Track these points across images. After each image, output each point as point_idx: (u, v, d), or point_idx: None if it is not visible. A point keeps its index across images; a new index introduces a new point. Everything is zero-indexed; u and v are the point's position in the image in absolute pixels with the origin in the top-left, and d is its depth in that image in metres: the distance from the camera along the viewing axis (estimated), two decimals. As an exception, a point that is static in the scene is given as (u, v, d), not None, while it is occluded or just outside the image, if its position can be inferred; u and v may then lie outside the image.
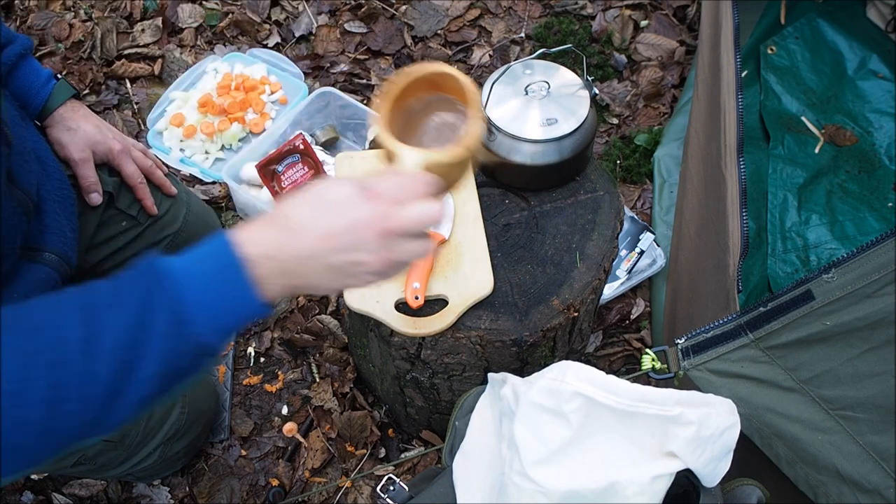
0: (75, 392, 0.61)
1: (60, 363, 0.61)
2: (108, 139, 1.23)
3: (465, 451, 0.90)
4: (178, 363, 0.66)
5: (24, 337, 0.61)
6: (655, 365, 1.06)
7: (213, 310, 0.66)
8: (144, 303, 0.64)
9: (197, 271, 0.67)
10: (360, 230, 0.69)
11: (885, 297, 0.90)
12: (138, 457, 1.30)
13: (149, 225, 1.35)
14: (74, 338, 0.61)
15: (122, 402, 0.64)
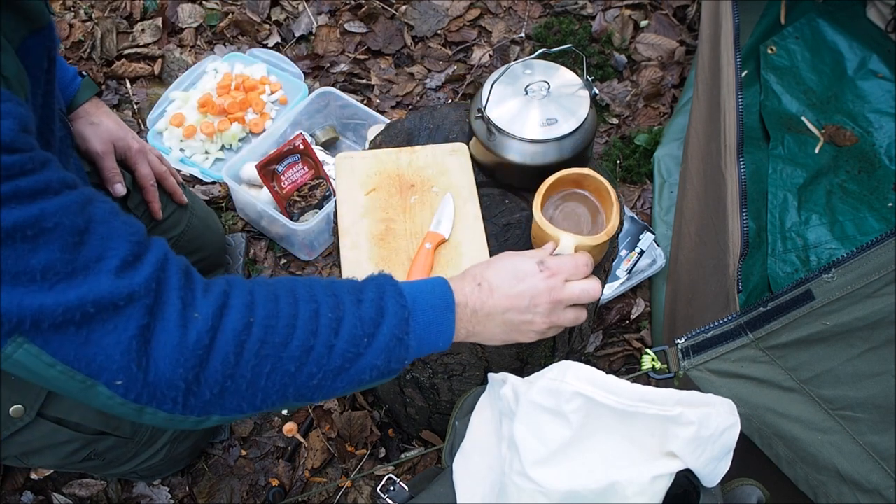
0: (319, 357, 0.76)
1: (315, 332, 0.76)
2: (127, 137, 1.28)
3: (465, 451, 0.90)
4: (389, 362, 0.81)
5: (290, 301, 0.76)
6: (655, 365, 1.06)
7: (424, 333, 0.83)
8: (381, 309, 0.80)
9: (422, 299, 0.84)
10: (537, 297, 0.90)
11: (885, 297, 0.90)
12: (146, 454, 1.31)
13: (153, 227, 1.36)
14: (329, 316, 0.77)
15: (343, 379, 0.78)
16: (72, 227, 0.66)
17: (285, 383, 0.75)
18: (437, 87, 2.17)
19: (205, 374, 0.71)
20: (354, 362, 0.78)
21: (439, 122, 1.34)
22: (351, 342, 0.77)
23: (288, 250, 1.86)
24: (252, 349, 0.73)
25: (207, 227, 1.54)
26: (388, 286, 0.83)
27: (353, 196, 1.22)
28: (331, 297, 0.79)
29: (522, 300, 0.89)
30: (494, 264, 0.92)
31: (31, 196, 0.65)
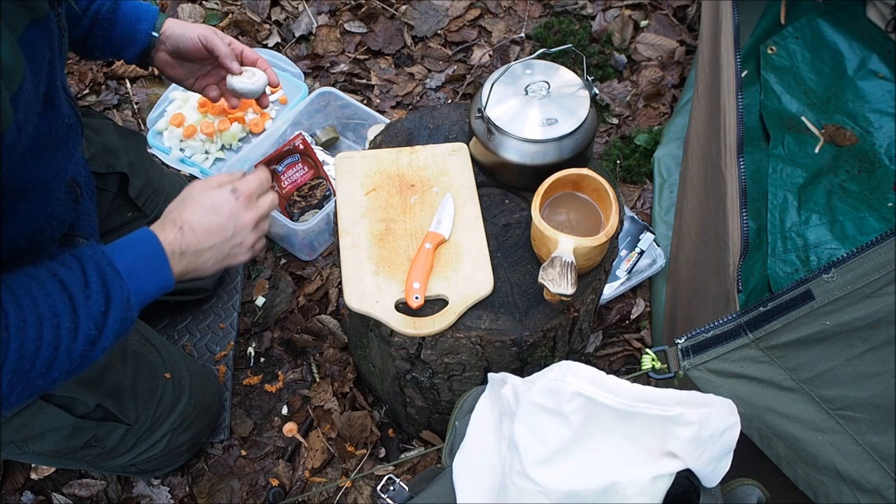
0: (62, 364, 0.84)
1: (57, 346, 0.83)
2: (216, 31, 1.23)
3: (465, 451, 0.90)
4: (121, 335, 0.89)
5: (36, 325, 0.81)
6: (655, 365, 1.06)
7: (143, 298, 0.91)
8: (108, 297, 0.87)
9: (137, 269, 0.90)
10: (240, 222, 0.99)
11: (884, 297, 0.90)
12: (146, 444, 1.31)
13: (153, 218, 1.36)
14: (67, 326, 0.83)
15: (82, 366, 0.87)
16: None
17: (33, 391, 0.84)
18: (437, 87, 2.17)
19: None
20: (91, 352, 0.87)
21: (439, 122, 1.34)
22: (86, 341, 0.85)
23: (288, 250, 1.86)
24: (5, 378, 0.79)
25: None
26: (105, 267, 0.88)
27: (353, 196, 1.22)
28: (67, 303, 0.84)
29: (227, 231, 0.98)
30: (190, 204, 0.99)
31: None
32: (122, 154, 1.30)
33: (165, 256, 0.93)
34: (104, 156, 1.28)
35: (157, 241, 0.93)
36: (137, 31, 1.19)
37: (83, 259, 0.88)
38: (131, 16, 1.20)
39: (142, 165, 1.35)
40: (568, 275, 1.01)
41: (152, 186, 1.36)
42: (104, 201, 1.29)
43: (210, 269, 1.00)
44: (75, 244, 1.06)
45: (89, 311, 0.85)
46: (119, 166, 1.30)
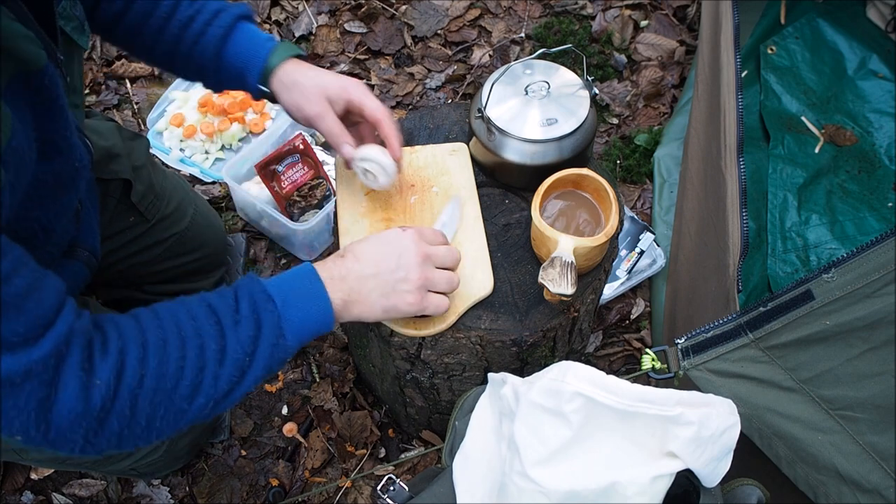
0: (208, 389, 0.81)
1: (202, 368, 0.80)
2: (338, 78, 1.10)
3: (465, 451, 0.90)
4: (272, 367, 0.86)
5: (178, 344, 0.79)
6: (655, 365, 1.06)
7: (301, 327, 0.88)
8: (258, 322, 0.84)
9: (291, 297, 0.87)
10: (405, 254, 0.95)
11: (884, 297, 0.90)
12: (146, 449, 1.31)
13: (156, 222, 1.35)
14: (213, 348, 0.81)
15: (233, 397, 0.84)
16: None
17: (178, 418, 0.81)
18: (437, 87, 2.17)
19: (103, 429, 0.76)
20: (240, 382, 0.83)
21: (439, 122, 1.34)
22: (235, 367, 0.82)
23: (288, 250, 1.86)
24: (146, 399, 0.77)
25: (210, 226, 1.54)
26: (257, 294, 0.86)
27: (353, 196, 1.22)
28: (214, 326, 0.82)
29: (391, 260, 0.95)
30: (360, 240, 0.98)
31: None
32: (125, 158, 1.27)
33: (322, 285, 0.90)
34: (108, 162, 1.24)
35: (313, 271, 0.91)
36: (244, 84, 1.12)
37: (238, 288, 0.87)
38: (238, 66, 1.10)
39: (144, 169, 1.33)
40: (568, 275, 1.01)
41: (154, 191, 1.35)
42: (107, 207, 1.27)
43: (375, 302, 0.94)
44: (77, 256, 1.03)
45: (238, 335, 0.82)
46: (123, 172, 1.26)
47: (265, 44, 1.10)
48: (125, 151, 1.28)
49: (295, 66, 1.10)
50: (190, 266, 1.49)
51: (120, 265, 1.34)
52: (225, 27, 1.09)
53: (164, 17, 1.08)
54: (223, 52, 1.10)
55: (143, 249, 1.37)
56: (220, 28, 1.09)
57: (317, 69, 1.11)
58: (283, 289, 0.88)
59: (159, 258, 1.41)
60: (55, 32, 0.87)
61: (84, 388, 0.73)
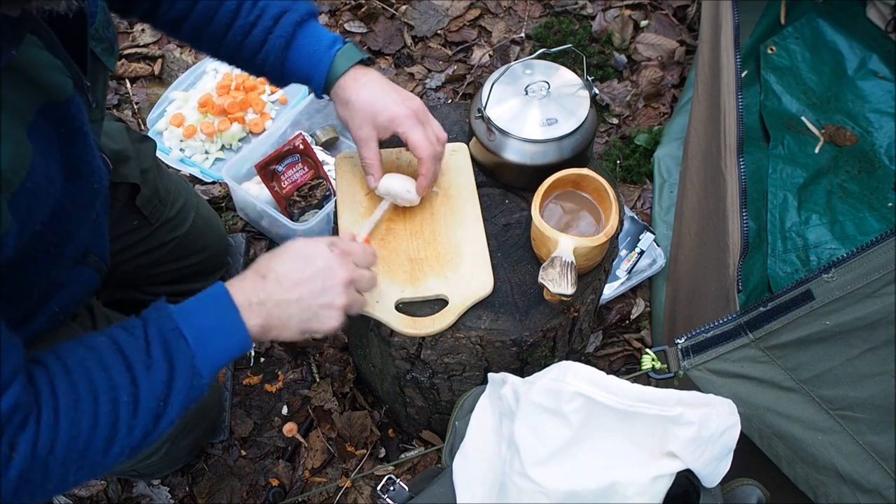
0: (122, 440, 0.79)
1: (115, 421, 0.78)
2: (389, 106, 1.06)
3: (465, 451, 0.90)
4: (188, 406, 0.83)
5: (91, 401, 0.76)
6: (655, 365, 1.06)
7: (216, 360, 0.84)
8: (171, 364, 0.80)
9: (205, 330, 0.83)
10: (331, 277, 0.90)
11: (884, 297, 0.90)
12: (146, 451, 1.30)
13: (159, 226, 1.35)
14: (125, 399, 0.78)
15: (149, 440, 0.82)
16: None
17: (93, 470, 0.79)
18: (437, 87, 2.17)
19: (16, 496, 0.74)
20: (156, 427, 0.81)
21: (439, 121, 1.34)
22: (149, 415, 0.80)
23: (288, 250, 1.86)
24: (57, 462, 0.75)
25: (211, 228, 1.54)
26: (168, 332, 0.82)
27: (353, 196, 1.22)
28: (125, 373, 0.79)
29: (316, 283, 0.89)
30: (281, 253, 0.91)
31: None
32: (133, 162, 1.26)
33: (238, 314, 0.85)
34: (117, 165, 1.23)
35: (228, 297, 0.85)
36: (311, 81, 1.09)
37: (147, 324, 0.82)
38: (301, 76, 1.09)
39: (151, 172, 1.33)
40: (568, 275, 1.01)
41: (158, 195, 1.35)
42: (113, 210, 1.26)
43: (294, 327, 0.90)
44: (88, 262, 1.03)
45: (151, 381, 0.79)
46: (131, 177, 1.25)
47: (326, 52, 1.07)
48: (134, 154, 1.28)
49: (352, 81, 1.06)
50: (190, 268, 1.50)
51: (121, 267, 1.34)
52: (285, 36, 1.06)
53: (226, 22, 1.06)
54: (285, 63, 1.08)
55: (145, 252, 1.37)
56: (281, 38, 1.06)
57: (375, 84, 1.07)
58: (196, 321, 0.83)
59: (161, 261, 1.41)
60: (84, 57, 0.86)
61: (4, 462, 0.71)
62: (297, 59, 1.08)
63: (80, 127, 0.82)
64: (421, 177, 1.10)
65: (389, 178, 1.13)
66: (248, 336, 0.86)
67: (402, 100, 1.07)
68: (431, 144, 1.07)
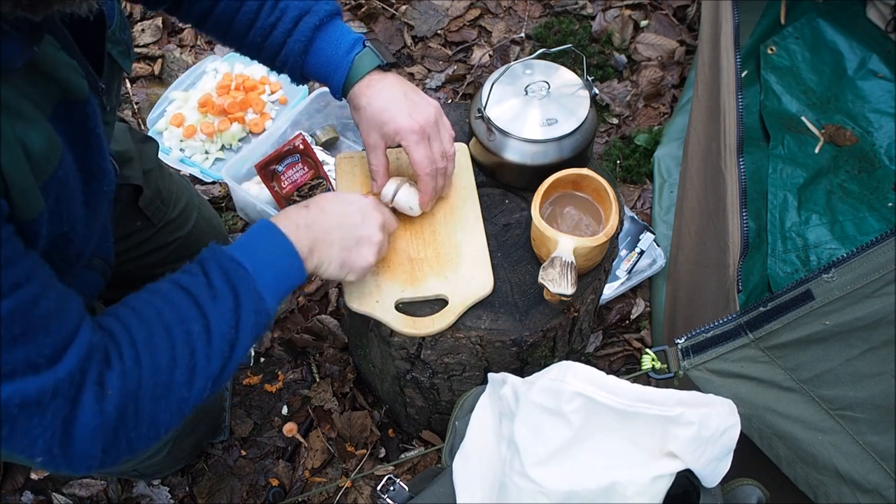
0: (202, 371, 0.81)
1: (193, 352, 0.80)
2: (396, 117, 1.06)
3: (465, 451, 0.90)
4: (258, 333, 0.86)
5: (164, 334, 0.79)
6: (655, 365, 1.06)
7: (276, 283, 0.88)
8: (234, 292, 0.84)
9: (260, 257, 0.87)
10: (368, 213, 0.99)
11: (884, 297, 0.90)
12: (149, 450, 1.30)
13: (161, 227, 1.35)
14: (198, 330, 0.80)
15: (227, 371, 0.84)
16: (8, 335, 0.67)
17: (181, 406, 0.81)
18: (437, 87, 2.17)
19: (117, 438, 0.76)
20: (232, 355, 0.84)
21: (439, 122, 1.34)
22: (223, 342, 0.82)
23: (288, 250, 1.86)
24: (146, 397, 0.77)
25: (212, 229, 1.54)
26: (226, 263, 0.86)
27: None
28: (192, 307, 0.82)
29: (356, 216, 0.98)
30: (320, 195, 1.00)
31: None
32: (136, 163, 1.25)
33: (285, 237, 0.90)
34: (121, 166, 1.21)
35: (272, 225, 0.91)
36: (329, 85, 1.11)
37: (204, 262, 0.86)
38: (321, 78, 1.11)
39: (153, 173, 1.33)
40: (568, 275, 1.01)
41: (161, 196, 1.35)
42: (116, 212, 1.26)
43: (336, 256, 0.96)
44: (93, 266, 1.03)
45: (218, 310, 0.82)
46: (134, 178, 1.24)
47: (344, 57, 1.07)
48: (137, 155, 1.28)
49: (366, 88, 1.07)
50: None
51: (124, 268, 1.34)
52: (304, 40, 1.06)
53: (247, 23, 1.07)
54: (304, 66, 1.10)
55: (148, 253, 1.36)
56: (299, 42, 1.06)
57: (389, 91, 1.07)
58: (249, 250, 0.87)
59: (163, 261, 1.41)
60: (101, 59, 0.86)
61: (99, 400, 0.73)
62: (315, 63, 1.09)
63: (93, 128, 0.83)
64: (420, 193, 1.13)
65: (398, 191, 1.14)
66: (300, 257, 0.90)
67: (411, 111, 1.07)
68: (432, 162, 1.08)
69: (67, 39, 0.78)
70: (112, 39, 0.89)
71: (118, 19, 0.91)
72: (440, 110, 1.10)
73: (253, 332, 0.85)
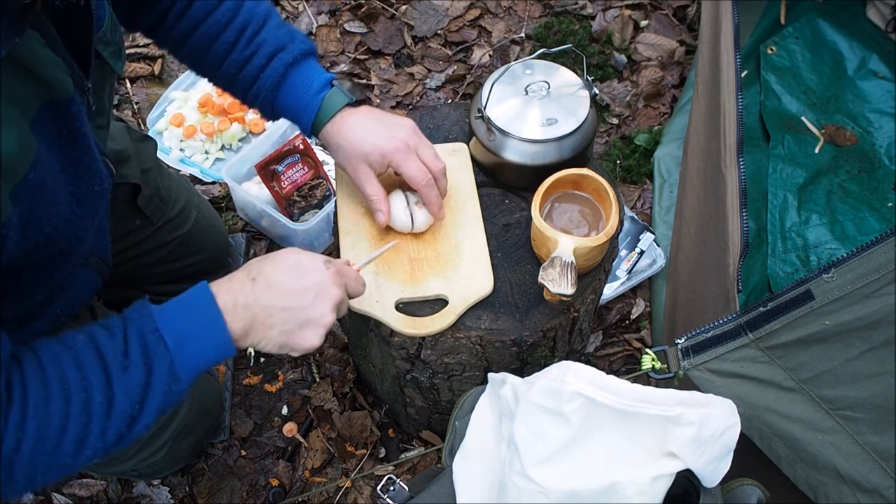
0: (94, 442, 0.77)
1: (87, 423, 0.76)
2: (378, 143, 1.07)
3: (465, 451, 0.90)
4: (165, 410, 0.81)
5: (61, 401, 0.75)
6: (655, 365, 1.06)
7: (196, 364, 0.82)
8: (149, 368, 0.79)
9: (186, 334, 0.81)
10: (324, 292, 0.88)
11: (884, 297, 0.90)
12: (148, 451, 1.31)
13: (160, 226, 1.35)
14: (99, 400, 0.76)
15: (123, 443, 0.80)
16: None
17: (62, 471, 0.77)
18: (437, 87, 2.17)
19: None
20: (130, 430, 0.79)
21: (439, 122, 1.34)
22: (123, 418, 0.78)
23: (288, 250, 1.86)
24: (24, 460, 0.73)
25: (212, 228, 1.54)
26: (148, 335, 0.80)
27: (353, 196, 1.22)
28: (101, 374, 0.77)
29: (307, 296, 0.87)
30: (275, 259, 0.89)
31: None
32: (134, 162, 1.26)
33: (221, 317, 0.82)
34: (118, 165, 1.20)
35: (211, 300, 0.83)
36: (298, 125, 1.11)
37: (127, 323, 0.81)
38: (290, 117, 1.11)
39: (152, 172, 1.33)
40: (568, 275, 1.01)
41: (160, 194, 1.35)
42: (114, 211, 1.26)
43: (275, 339, 0.87)
44: (90, 265, 1.03)
45: (126, 384, 0.77)
46: (132, 177, 1.25)
47: (315, 97, 1.08)
48: (135, 154, 1.28)
49: (339, 126, 1.08)
50: (192, 268, 1.50)
51: (123, 266, 1.34)
52: (276, 77, 1.07)
53: (222, 54, 1.07)
54: (275, 102, 1.10)
55: (147, 252, 1.37)
56: (272, 78, 1.07)
57: (362, 124, 1.07)
58: (177, 324, 0.81)
59: (163, 260, 1.41)
60: (87, 59, 0.86)
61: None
62: (286, 100, 1.09)
63: (79, 128, 0.82)
64: (428, 205, 1.12)
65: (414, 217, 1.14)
66: (230, 340, 0.83)
67: (389, 134, 1.07)
68: (426, 173, 1.08)
69: (52, 36, 0.78)
70: (103, 41, 0.89)
71: (109, 21, 0.90)
72: (415, 124, 1.11)
73: (159, 410, 0.80)
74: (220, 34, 1.06)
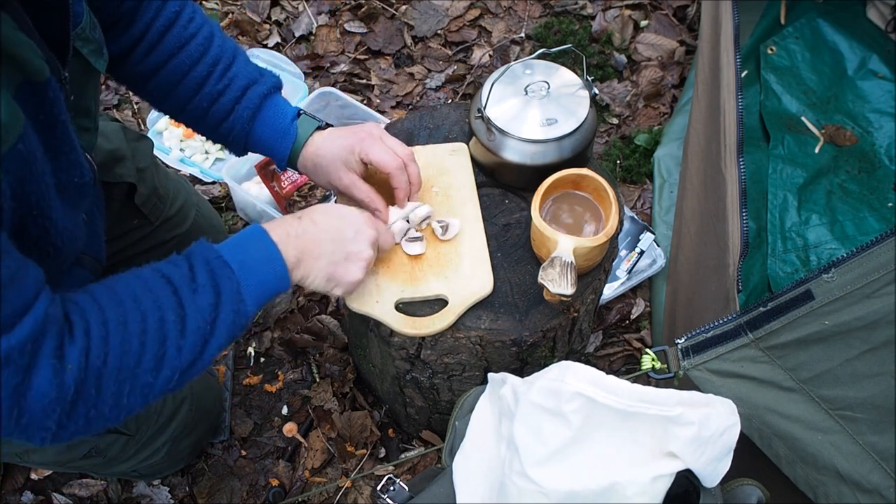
0: (172, 361, 0.81)
1: (164, 340, 0.80)
2: (347, 144, 1.11)
3: (465, 451, 0.90)
4: (234, 334, 0.86)
5: (138, 318, 0.79)
6: (655, 365, 1.06)
7: (259, 289, 0.88)
8: (217, 289, 0.84)
9: (247, 261, 0.88)
10: (361, 230, 0.99)
11: (884, 297, 0.90)
12: (147, 451, 1.31)
13: (158, 225, 1.35)
14: (173, 319, 0.81)
15: (198, 366, 0.84)
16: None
17: (145, 393, 0.81)
18: (437, 87, 2.17)
19: (74, 413, 0.75)
20: (203, 350, 0.84)
21: (439, 122, 1.34)
22: (197, 335, 0.82)
23: (288, 250, 1.86)
24: (110, 378, 0.77)
25: (212, 227, 1.54)
26: (213, 260, 0.86)
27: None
28: (172, 297, 0.82)
29: (348, 230, 0.98)
30: (314, 207, 1.00)
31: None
32: (129, 161, 1.27)
33: (274, 246, 0.90)
34: (113, 165, 1.23)
35: (263, 232, 0.91)
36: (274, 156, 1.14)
37: (191, 256, 0.86)
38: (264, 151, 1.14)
39: (148, 171, 1.33)
40: (568, 275, 1.01)
41: (157, 193, 1.35)
42: (111, 211, 1.26)
43: (322, 269, 0.96)
44: (83, 264, 1.03)
45: (197, 304, 0.82)
46: (127, 176, 1.25)
47: (291, 125, 1.12)
48: (130, 153, 1.28)
49: (315, 147, 1.12)
50: None
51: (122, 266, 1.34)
52: (252, 108, 1.09)
53: (194, 87, 1.08)
54: (250, 134, 1.12)
55: (146, 251, 1.36)
56: (248, 109, 1.09)
57: (329, 138, 1.12)
58: (237, 252, 0.88)
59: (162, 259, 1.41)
60: (65, 51, 0.86)
61: (57, 373, 0.73)
62: (262, 132, 1.12)
63: (57, 114, 0.83)
64: (397, 190, 1.13)
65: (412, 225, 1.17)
66: (286, 266, 0.91)
67: (352, 132, 1.12)
68: (395, 156, 1.10)
69: (25, 21, 0.78)
70: (82, 37, 0.89)
71: (88, 18, 0.90)
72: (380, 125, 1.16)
73: (229, 332, 0.85)
74: (192, 68, 1.07)
